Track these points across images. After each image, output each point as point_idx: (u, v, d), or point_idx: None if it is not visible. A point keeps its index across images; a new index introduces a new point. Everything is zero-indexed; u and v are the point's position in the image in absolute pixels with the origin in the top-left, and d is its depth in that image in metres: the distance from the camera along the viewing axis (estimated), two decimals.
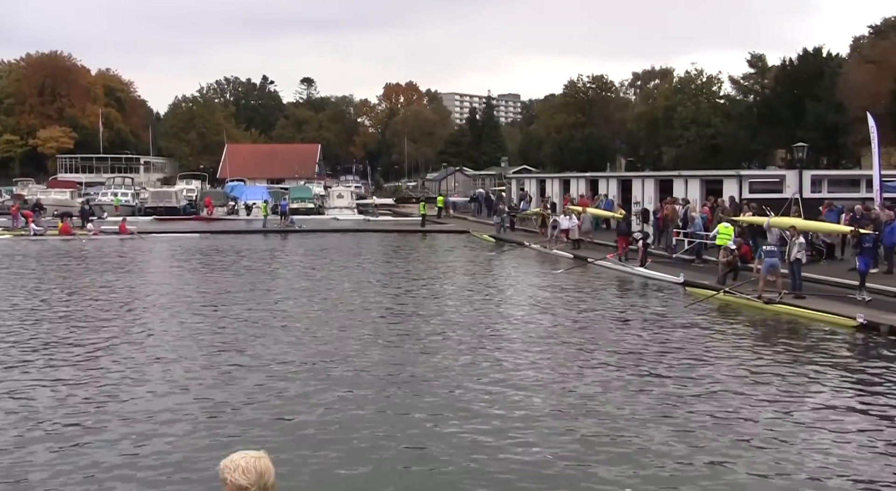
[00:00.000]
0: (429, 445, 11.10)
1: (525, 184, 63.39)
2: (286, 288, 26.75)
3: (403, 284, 27.92)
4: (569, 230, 38.00)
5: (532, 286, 27.51)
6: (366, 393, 13.56)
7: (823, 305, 20.89)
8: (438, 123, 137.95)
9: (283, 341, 17.74)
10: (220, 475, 3.79)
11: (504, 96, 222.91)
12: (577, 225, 38.05)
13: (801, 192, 32.36)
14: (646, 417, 12.21)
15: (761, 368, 15.18)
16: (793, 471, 10.13)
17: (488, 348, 17.06)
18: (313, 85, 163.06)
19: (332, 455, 10.67)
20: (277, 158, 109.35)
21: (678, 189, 38.81)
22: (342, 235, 49.93)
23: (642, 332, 18.96)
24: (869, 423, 11.99)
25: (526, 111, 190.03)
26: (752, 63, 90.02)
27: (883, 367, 15.39)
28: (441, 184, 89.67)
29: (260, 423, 12.02)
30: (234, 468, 3.77)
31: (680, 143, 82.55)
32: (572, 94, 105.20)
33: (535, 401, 13.08)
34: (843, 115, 63.90)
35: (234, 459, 3.80)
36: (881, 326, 18.43)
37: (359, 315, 21.29)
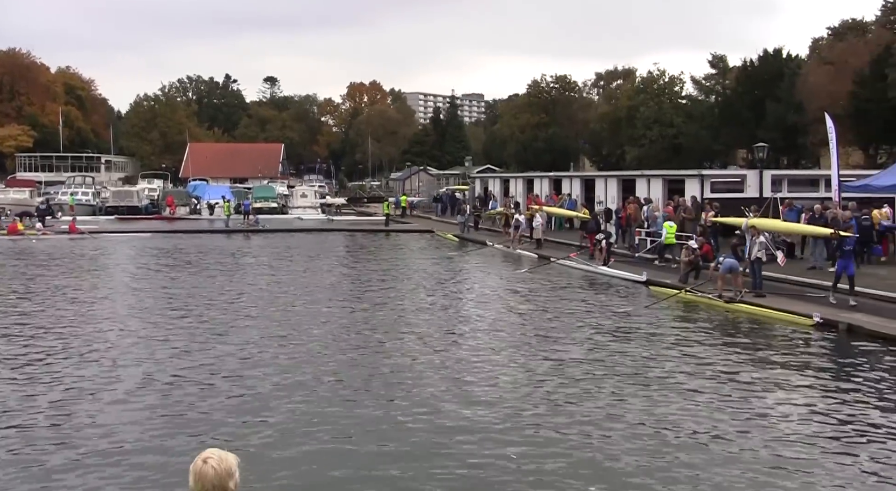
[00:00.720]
0: (393, 443, 11.10)
1: (489, 183, 63.51)
2: (248, 288, 26.58)
3: (367, 283, 27.87)
4: (533, 230, 38.15)
5: (495, 286, 27.56)
6: (327, 394, 13.53)
7: (783, 303, 21.14)
8: (402, 123, 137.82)
9: (243, 342, 17.62)
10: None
11: (468, 96, 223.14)
12: (542, 224, 38.19)
13: (761, 191, 32.69)
14: (606, 414, 12.30)
15: (719, 366, 15.35)
16: (750, 463, 10.25)
17: (450, 348, 17.10)
18: (277, 84, 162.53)
19: (297, 456, 10.63)
20: (240, 158, 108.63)
21: (641, 189, 39.08)
22: (306, 235, 49.76)
23: (604, 331, 19.07)
24: (824, 419, 12.13)
25: (490, 111, 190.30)
26: (714, 64, 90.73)
27: (839, 364, 15.61)
28: (405, 183, 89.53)
29: (225, 423, 11.95)
30: (194, 471, 3.77)
31: (642, 143, 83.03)
32: (536, 94, 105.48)
33: (495, 400, 13.09)
34: (803, 115, 64.60)
35: (195, 462, 3.80)
36: (839, 324, 18.67)
37: (322, 316, 21.21)
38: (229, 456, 3.82)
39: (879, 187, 29.17)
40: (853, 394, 13.44)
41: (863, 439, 11.27)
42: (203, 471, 3.74)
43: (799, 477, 9.92)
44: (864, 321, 18.65)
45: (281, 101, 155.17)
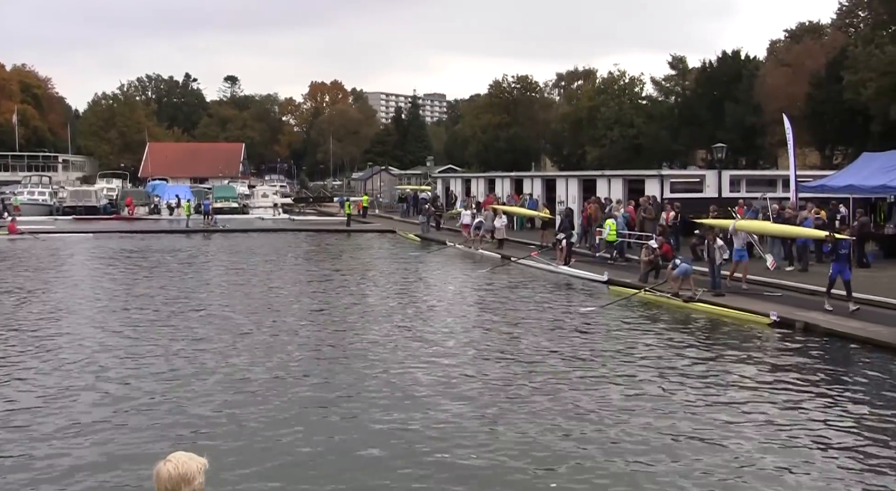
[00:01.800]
0: (352, 443, 11.06)
1: (451, 183, 63.56)
2: (206, 288, 26.38)
3: (327, 284, 27.76)
4: (495, 230, 38.23)
5: (455, 286, 27.56)
6: (284, 395, 13.43)
7: (740, 302, 21.33)
8: (364, 122, 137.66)
9: (201, 343, 17.47)
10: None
11: (430, 96, 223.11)
12: (504, 225, 38.24)
13: (719, 191, 33.00)
14: (561, 412, 12.33)
15: (673, 363, 15.46)
16: (706, 456, 10.32)
17: (410, 347, 17.03)
18: (237, 83, 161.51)
19: (256, 456, 10.56)
20: (201, 157, 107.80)
21: (602, 189, 39.30)
22: (267, 235, 49.50)
23: (564, 329, 19.14)
24: (779, 416, 12.25)
25: (451, 111, 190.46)
26: (673, 65, 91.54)
27: (794, 362, 15.76)
28: (366, 183, 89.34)
29: (182, 423, 11.84)
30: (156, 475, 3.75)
31: (603, 143, 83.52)
32: (497, 94, 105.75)
33: (456, 400, 13.07)
34: (761, 116, 65.37)
35: (159, 462, 3.77)
36: (796, 322, 18.87)
37: (280, 316, 21.07)
38: (194, 462, 3.76)
39: (835, 188, 29.56)
40: (804, 390, 13.60)
41: (812, 435, 11.40)
42: (160, 472, 3.72)
43: (757, 467, 10.01)
44: (821, 320, 18.87)
45: (241, 100, 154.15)
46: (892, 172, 27.49)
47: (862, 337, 17.30)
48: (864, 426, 11.79)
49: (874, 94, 53.00)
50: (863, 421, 12.03)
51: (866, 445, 11.01)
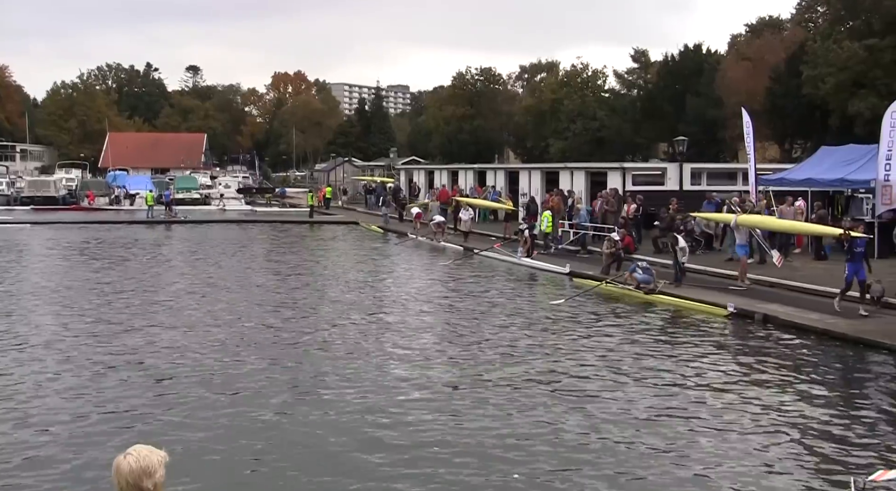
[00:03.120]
0: (314, 441, 11.05)
1: (414, 175, 63.49)
2: (166, 280, 26.18)
3: (288, 276, 27.70)
4: (461, 221, 38.26)
5: (417, 277, 27.61)
6: (245, 390, 13.40)
7: (700, 294, 21.55)
8: (327, 114, 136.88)
9: (161, 336, 17.38)
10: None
11: (393, 87, 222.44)
12: (469, 217, 38.15)
13: (681, 184, 33.28)
14: (522, 405, 12.41)
15: (636, 354, 15.63)
16: (662, 451, 10.45)
17: (369, 341, 17.04)
18: (199, 73, 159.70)
19: (217, 456, 10.53)
20: (162, 147, 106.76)
21: (564, 181, 39.48)
22: (229, 226, 49.20)
23: (525, 321, 19.25)
24: (736, 405, 12.41)
25: (415, 102, 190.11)
26: (636, 58, 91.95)
27: (750, 352, 15.97)
28: (330, 174, 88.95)
29: (142, 421, 11.77)
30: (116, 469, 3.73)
31: (566, 136, 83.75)
32: (461, 85, 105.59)
33: (416, 393, 13.11)
34: (722, 110, 65.88)
35: (119, 456, 3.75)
36: (755, 314, 19.11)
37: (241, 307, 21.00)
38: (154, 455, 3.75)
39: (794, 181, 29.92)
40: (758, 379, 13.80)
41: (763, 424, 11.56)
42: (120, 465, 3.71)
43: (712, 457, 10.15)
44: (780, 311, 19.11)
45: (204, 90, 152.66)
46: (849, 166, 27.88)
47: (820, 329, 17.55)
48: (812, 413, 12.00)
49: (832, 89, 53.62)
50: (813, 408, 12.24)
51: (814, 430, 11.26)
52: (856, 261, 18.69)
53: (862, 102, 51.19)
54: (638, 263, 22.79)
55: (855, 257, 18.68)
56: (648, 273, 22.24)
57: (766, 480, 9.66)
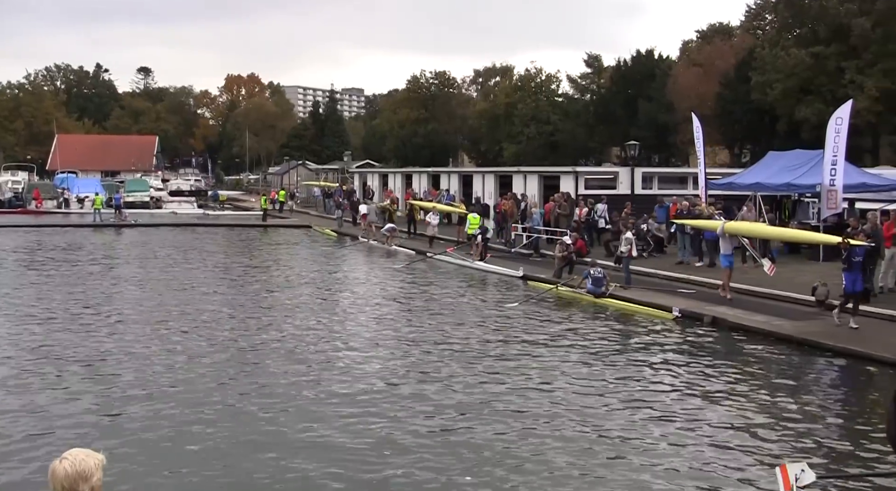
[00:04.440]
0: (261, 445, 11.05)
1: (368, 178, 63.43)
2: (114, 285, 25.89)
3: (240, 280, 27.58)
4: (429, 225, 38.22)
5: (372, 281, 27.59)
6: (193, 395, 13.36)
7: (649, 297, 21.83)
8: (281, 116, 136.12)
9: (108, 342, 17.24)
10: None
11: (348, 90, 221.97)
12: (435, 223, 37.59)
13: (632, 188, 33.65)
14: (476, 403, 12.51)
15: (584, 356, 15.82)
16: (606, 449, 10.61)
17: (319, 344, 17.04)
18: (151, 75, 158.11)
19: (161, 459, 10.50)
20: (112, 150, 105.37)
21: (517, 184, 39.71)
22: (180, 230, 48.71)
23: (477, 325, 19.34)
24: (678, 405, 12.63)
25: (369, 105, 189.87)
26: (589, 63, 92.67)
27: (699, 354, 16.20)
28: (283, 178, 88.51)
29: (87, 424, 11.69)
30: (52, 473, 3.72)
31: (520, 140, 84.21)
32: (415, 89, 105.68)
33: (365, 397, 13.12)
34: (673, 114, 66.68)
35: (55, 460, 3.74)
36: (704, 316, 19.40)
37: (190, 314, 20.84)
38: (92, 458, 3.74)
39: (743, 185, 30.36)
40: (702, 381, 14.03)
41: (701, 425, 11.78)
42: (56, 470, 3.69)
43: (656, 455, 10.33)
44: (728, 314, 19.42)
45: (155, 92, 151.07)
46: (796, 171, 28.35)
47: (766, 330, 17.87)
48: (753, 413, 12.24)
49: (780, 95, 54.58)
50: (755, 408, 12.49)
51: (753, 430, 11.49)
52: (854, 270, 17.57)
53: (808, 108, 52.16)
54: (591, 270, 22.92)
55: (853, 266, 17.56)
56: (599, 284, 22.41)
57: (701, 477, 9.87)
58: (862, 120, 48.49)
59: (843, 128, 25.39)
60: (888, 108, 51.61)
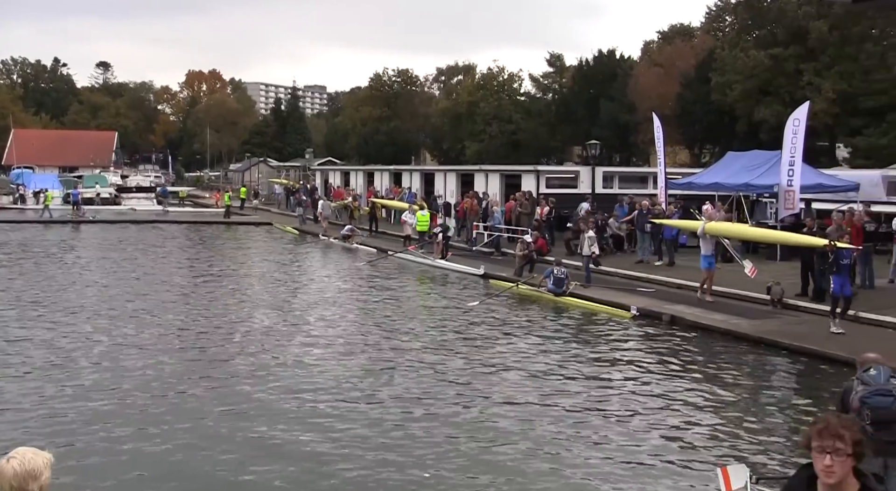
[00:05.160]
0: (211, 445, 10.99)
1: (329, 176, 63.24)
2: (71, 282, 25.58)
3: (200, 277, 27.37)
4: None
5: (330, 279, 27.52)
6: (145, 394, 13.24)
7: (608, 296, 21.96)
8: (242, 113, 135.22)
9: (62, 342, 17.04)
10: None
11: (310, 87, 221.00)
12: (413, 223, 36.95)
13: (593, 187, 33.79)
14: (428, 405, 12.52)
15: (543, 354, 15.90)
16: (558, 447, 10.67)
17: (277, 343, 16.96)
18: (110, 69, 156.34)
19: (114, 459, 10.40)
20: (71, 145, 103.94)
21: (479, 183, 39.77)
22: (140, 227, 48.22)
23: (438, 323, 19.37)
24: (631, 405, 12.72)
25: (332, 103, 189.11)
26: (551, 62, 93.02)
27: (657, 352, 16.33)
28: (244, 174, 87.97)
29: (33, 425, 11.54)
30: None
31: (482, 139, 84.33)
32: (378, 87, 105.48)
33: (321, 396, 13.09)
34: (635, 114, 67.09)
35: (2, 460, 3.70)
36: (663, 315, 19.56)
37: (150, 311, 20.65)
38: (40, 457, 3.71)
39: (702, 185, 30.64)
40: (660, 378, 14.15)
41: (659, 421, 11.88)
42: (4, 469, 3.65)
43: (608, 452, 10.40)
44: (686, 312, 19.59)
45: (115, 87, 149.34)
46: (754, 171, 28.64)
47: (723, 329, 18.06)
48: (709, 412, 12.36)
49: (739, 96, 55.11)
50: (711, 406, 12.61)
51: (709, 427, 11.62)
52: (842, 273, 17.19)
53: (767, 109, 52.71)
54: (554, 269, 22.95)
55: (841, 270, 17.13)
56: (560, 284, 22.47)
57: (659, 476, 9.95)
58: (819, 122, 49.12)
59: (801, 129, 25.70)
60: (845, 110, 52.30)
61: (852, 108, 52.27)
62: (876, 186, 28.60)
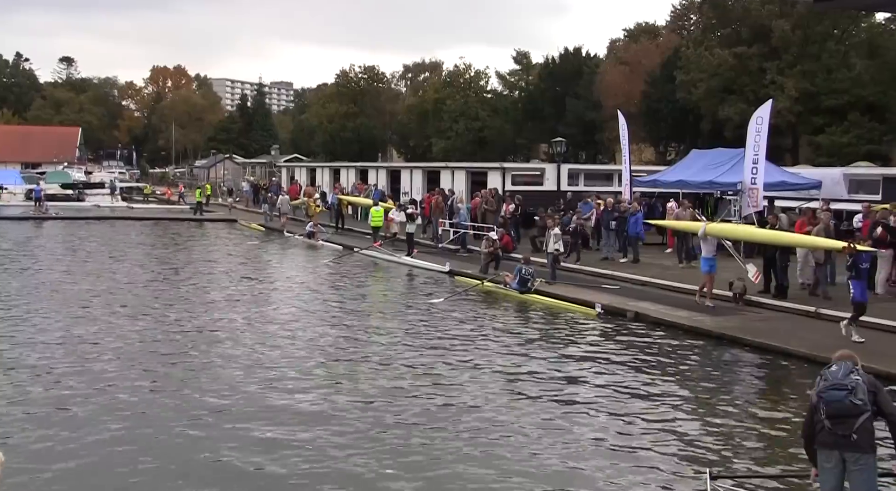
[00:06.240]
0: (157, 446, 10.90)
1: (295, 172, 62.99)
2: (30, 282, 25.26)
3: (164, 274, 27.12)
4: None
5: (299, 276, 27.38)
6: (104, 397, 13.12)
7: (573, 293, 22.03)
8: (208, 109, 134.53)
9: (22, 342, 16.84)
10: None
11: (276, 84, 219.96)
12: (403, 221, 36.29)
13: (558, 184, 33.92)
14: (390, 402, 12.50)
15: (508, 351, 15.92)
16: (524, 443, 10.69)
17: (241, 342, 16.82)
18: (73, 65, 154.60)
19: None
20: (33, 141, 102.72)
21: (445, 180, 39.78)
22: (104, 224, 47.74)
23: (402, 320, 19.31)
24: (596, 401, 12.77)
25: (298, 99, 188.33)
26: (518, 60, 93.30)
27: (621, 348, 16.38)
28: (210, 171, 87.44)
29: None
30: None
31: (449, 136, 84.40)
32: (344, 84, 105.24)
33: (289, 395, 13.05)
34: (601, 112, 67.48)
35: None
36: (627, 311, 19.65)
37: (116, 309, 20.44)
38: None
39: (667, 183, 30.82)
40: (623, 374, 14.22)
41: (623, 419, 11.93)
42: None
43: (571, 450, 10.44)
44: (650, 309, 19.70)
45: (78, 82, 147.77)
46: (718, 169, 28.84)
47: (687, 326, 18.17)
48: (672, 408, 12.44)
49: (704, 94, 55.62)
50: (675, 403, 12.69)
51: (672, 425, 11.66)
52: (862, 278, 16.17)
53: (731, 108, 53.25)
54: (522, 267, 22.94)
55: (860, 274, 16.08)
56: (524, 283, 22.50)
57: (620, 473, 9.97)
58: (782, 120, 49.68)
59: (764, 127, 25.87)
60: (807, 108, 52.93)
61: (815, 106, 52.92)
62: (837, 184, 28.93)
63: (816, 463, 7.57)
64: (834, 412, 7.27)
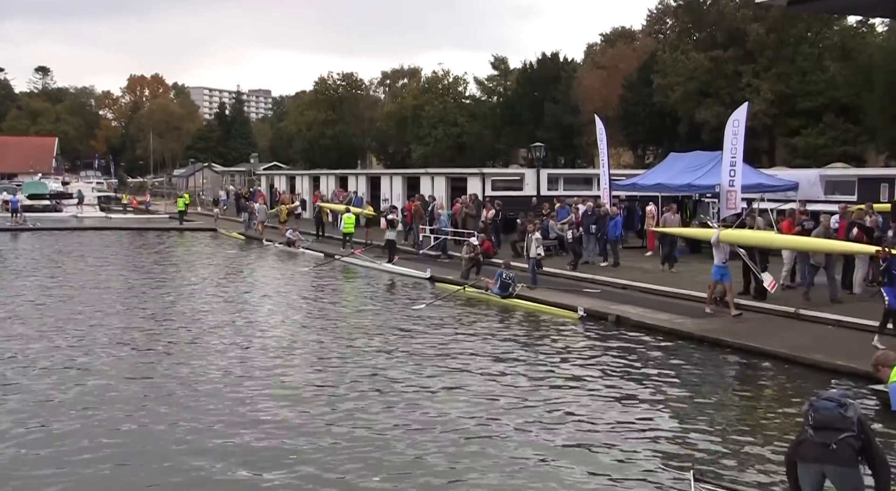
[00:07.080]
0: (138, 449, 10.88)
1: (275, 180, 62.86)
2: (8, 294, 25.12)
3: (144, 283, 26.99)
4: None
5: (280, 283, 27.32)
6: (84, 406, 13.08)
7: (555, 297, 22.11)
8: (186, 118, 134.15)
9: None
10: None
11: (254, 91, 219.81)
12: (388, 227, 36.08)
13: (538, 189, 34.02)
14: (372, 408, 12.51)
15: (491, 356, 15.95)
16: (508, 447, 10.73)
17: (222, 350, 16.80)
18: (49, 74, 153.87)
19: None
20: (9, 152, 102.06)
21: (425, 186, 39.82)
22: (82, 234, 47.49)
23: (386, 325, 19.31)
24: (578, 405, 12.83)
25: (277, 107, 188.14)
26: (496, 65, 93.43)
27: (602, 352, 16.46)
28: (189, 180, 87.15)
29: None
30: None
31: (428, 142, 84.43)
32: (323, 91, 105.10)
33: (270, 401, 13.04)
34: (578, 116, 67.70)
35: None
36: (609, 315, 19.74)
37: (94, 318, 20.35)
38: None
39: (645, 186, 30.99)
40: (605, 377, 14.29)
41: (606, 420, 11.99)
42: None
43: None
44: (631, 313, 19.79)
45: (54, 92, 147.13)
46: (696, 172, 29.06)
47: (668, 328, 18.26)
48: (654, 409, 12.51)
49: (681, 98, 55.95)
50: (657, 404, 12.77)
51: (655, 425, 11.75)
52: (894, 285, 15.01)
53: (708, 111, 53.59)
54: (503, 272, 22.98)
55: (893, 280, 14.95)
56: (505, 288, 22.55)
57: (602, 474, 10.02)
58: (759, 122, 50.04)
59: (741, 130, 26.09)
60: (783, 111, 53.33)
61: (790, 108, 53.33)
62: (814, 186, 29.19)
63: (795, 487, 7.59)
64: (821, 420, 7.33)
